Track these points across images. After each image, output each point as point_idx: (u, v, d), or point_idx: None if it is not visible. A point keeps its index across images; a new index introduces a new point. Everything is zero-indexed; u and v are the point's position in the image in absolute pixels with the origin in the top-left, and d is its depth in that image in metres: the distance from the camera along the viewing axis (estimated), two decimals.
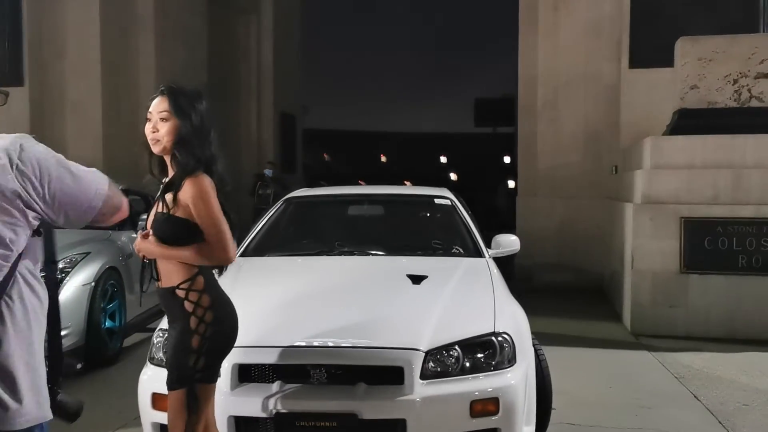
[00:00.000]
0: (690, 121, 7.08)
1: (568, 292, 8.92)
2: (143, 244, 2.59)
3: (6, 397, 1.65)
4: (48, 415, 1.76)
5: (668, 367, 5.60)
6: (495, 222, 14.43)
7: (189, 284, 2.55)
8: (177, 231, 2.55)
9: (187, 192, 2.53)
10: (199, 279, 2.56)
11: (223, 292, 2.66)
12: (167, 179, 2.64)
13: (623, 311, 7.39)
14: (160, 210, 2.60)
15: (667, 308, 6.77)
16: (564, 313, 7.58)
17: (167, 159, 2.65)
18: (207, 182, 2.55)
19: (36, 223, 1.73)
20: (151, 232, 2.61)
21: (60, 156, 1.74)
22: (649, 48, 9.15)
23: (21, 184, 1.64)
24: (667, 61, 8.05)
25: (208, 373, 2.59)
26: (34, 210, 1.69)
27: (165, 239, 2.57)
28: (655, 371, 5.53)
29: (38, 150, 1.70)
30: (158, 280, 2.66)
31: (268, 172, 11.80)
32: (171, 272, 2.58)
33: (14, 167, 1.64)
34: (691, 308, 6.71)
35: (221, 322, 2.59)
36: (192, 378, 2.56)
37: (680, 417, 4.40)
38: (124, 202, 1.86)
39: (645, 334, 6.68)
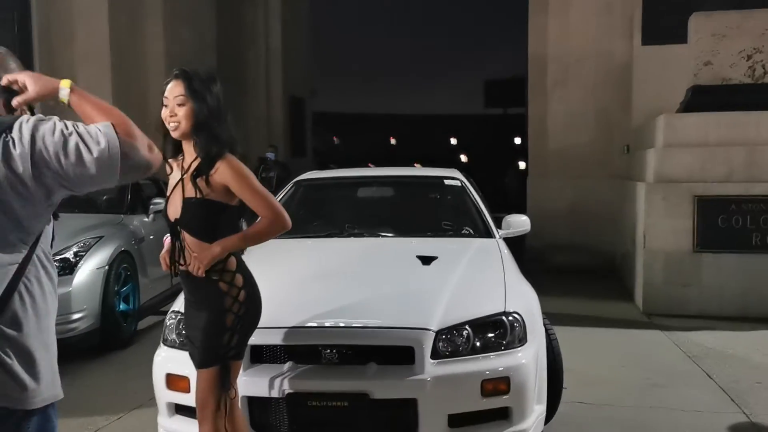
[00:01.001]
0: (704, 98, 6.99)
1: (580, 273, 8.90)
2: (203, 254, 2.54)
3: (26, 377, 1.68)
4: (60, 393, 1.78)
5: (681, 346, 5.59)
6: (506, 203, 14.39)
7: (223, 265, 2.59)
8: (212, 215, 2.58)
9: (225, 174, 2.55)
10: (231, 260, 2.62)
11: (250, 272, 2.73)
12: (185, 165, 2.63)
13: (635, 291, 7.37)
14: (190, 195, 2.58)
15: (679, 287, 6.74)
16: (575, 293, 7.57)
17: (186, 143, 2.64)
18: (236, 161, 2.60)
19: (57, 204, 1.73)
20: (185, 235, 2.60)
21: (70, 128, 1.65)
22: (662, 24, 9.04)
23: (37, 170, 1.62)
24: (680, 37, 7.95)
25: (240, 350, 2.67)
26: (55, 191, 1.67)
27: (199, 225, 2.58)
28: (667, 350, 5.52)
29: (47, 129, 1.64)
30: (183, 263, 2.63)
31: (270, 155, 11.72)
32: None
33: (31, 153, 1.62)
34: (704, 287, 6.68)
35: (253, 301, 2.67)
36: (226, 356, 2.61)
37: (693, 395, 4.39)
38: (146, 153, 1.69)
39: (657, 314, 6.66)
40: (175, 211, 2.64)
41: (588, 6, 9.91)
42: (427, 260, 3.66)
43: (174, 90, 2.58)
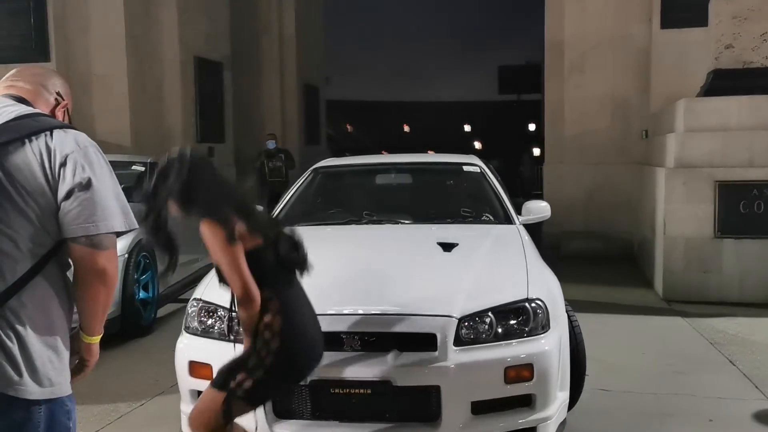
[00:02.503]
0: (725, 82, 6.88)
1: (597, 259, 8.84)
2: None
3: (24, 368, 1.70)
4: (64, 391, 1.81)
5: (702, 332, 5.54)
6: (521, 190, 14.27)
7: (264, 305, 2.41)
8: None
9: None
10: (273, 302, 2.43)
11: (302, 323, 2.50)
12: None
13: (654, 277, 7.30)
14: None
15: (700, 274, 6.67)
16: (594, 280, 7.52)
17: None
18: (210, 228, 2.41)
19: None
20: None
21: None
22: (682, 7, 8.92)
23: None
24: (699, 20, 7.83)
25: (251, 398, 2.45)
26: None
27: None
28: (688, 337, 5.47)
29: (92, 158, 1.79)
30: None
31: (270, 144, 11.63)
32: None
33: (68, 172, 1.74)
34: (725, 273, 6.61)
35: (288, 354, 2.41)
36: (234, 393, 2.40)
37: (716, 382, 4.35)
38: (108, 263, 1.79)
39: (677, 300, 6.61)
40: None
41: None
42: (448, 247, 3.64)
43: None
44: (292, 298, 2.53)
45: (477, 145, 37.31)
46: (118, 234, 1.81)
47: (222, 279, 2.49)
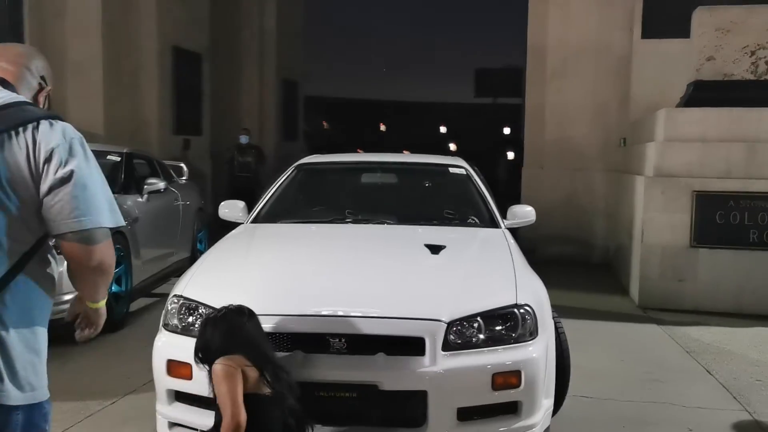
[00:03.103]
0: (705, 94, 6.95)
1: (573, 265, 8.89)
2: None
3: (4, 371, 1.65)
4: (42, 395, 1.76)
5: (678, 340, 5.58)
6: (497, 193, 14.29)
7: None
8: None
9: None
10: None
11: None
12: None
13: (630, 284, 7.35)
14: None
15: (675, 282, 6.73)
16: (570, 286, 7.54)
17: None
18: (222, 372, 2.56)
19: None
20: None
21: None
22: (663, 18, 9.00)
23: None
24: (680, 31, 7.90)
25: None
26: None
27: None
28: (665, 345, 5.51)
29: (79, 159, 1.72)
30: None
31: (243, 138, 11.54)
32: None
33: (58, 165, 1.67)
34: (700, 282, 6.68)
35: None
36: None
37: (694, 391, 4.37)
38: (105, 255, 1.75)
39: (653, 308, 6.66)
40: None
41: None
42: (435, 249, 3.59)
43: None
44: None
45: (452, 146, 37.42)
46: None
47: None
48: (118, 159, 6.49)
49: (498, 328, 3.04)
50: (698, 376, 4.71)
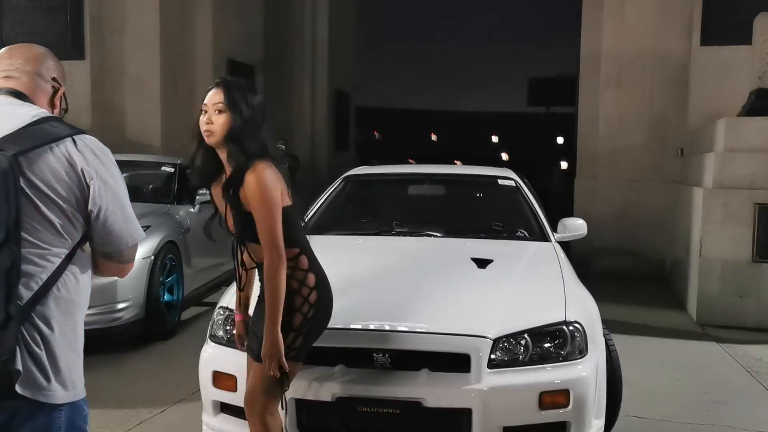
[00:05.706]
0: None
1: (627, 279, 8.64)
2: (271, 354, 2.46)
3: (50, 372, 1.72)
4: (81, 393, 1.82)
5: (739, 360, 5.34)
6: (549, 204, 14.06)
7: (295, 263, 2.56)
8: (253, 226, 2.51)
9: (247, 185, 2.48)
10: (302, 258, 2.60)
11: (324, 273, 2.67)
12: (226, 176, 2.57)
13: (688, 300, 7.10)
14: (235, 208, 2.55)
15: (736, 298, 6.47)
16: (624, 300, 7.32)
17: (220, 153, 2.58)
18: (264, 173, 2.47)
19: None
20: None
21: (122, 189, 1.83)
22: (723, 24, 8.68)
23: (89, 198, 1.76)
24: (741, 38, 7.63)
25: (301, 352, 2.60)
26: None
27: (251, 236, 2.55)
28: (725, 364, 5.28)
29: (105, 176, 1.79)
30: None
31: (279, 146, 11.71)
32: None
33: (90, 178, 1.75)
34: (763, 299, 6.39)
35: (323, 304, 2.62)
36: (286, 356, 2.51)
37: (756, 414, 4.17)
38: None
39: (712, 325, 6.40)
40: (231, 225, 2.61)
41: (646, 3, 9.59)
42: (482, 263, 3.53)
43: (214, 98, 2.53)
44: (312, 252, 2.67)
45: (504, 156, 37.09)
46: None
47: (241, 242, 2.62)
48: (172, 170, 6.64)
49: (546, 345, 2.96)
50: (761, 398, 4.49)
